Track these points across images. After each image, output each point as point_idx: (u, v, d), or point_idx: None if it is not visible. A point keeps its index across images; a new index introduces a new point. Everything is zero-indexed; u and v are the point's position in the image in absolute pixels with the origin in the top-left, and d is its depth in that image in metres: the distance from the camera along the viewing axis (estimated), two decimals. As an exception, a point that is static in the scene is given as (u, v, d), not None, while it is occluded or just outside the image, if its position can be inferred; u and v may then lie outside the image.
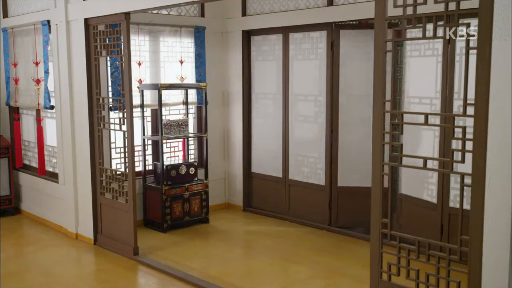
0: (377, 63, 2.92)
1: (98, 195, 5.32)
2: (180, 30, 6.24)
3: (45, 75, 5.74)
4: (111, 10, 4.79)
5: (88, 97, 5.22)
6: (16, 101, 6.37)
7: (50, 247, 5.46)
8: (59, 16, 5.41)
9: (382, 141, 2.94)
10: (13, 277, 4.59)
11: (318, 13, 5.60)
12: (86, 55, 5.17)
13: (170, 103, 6.24)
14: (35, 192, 6.36)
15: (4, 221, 6.32)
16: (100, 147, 5.25)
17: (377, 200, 3.00)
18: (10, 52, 6.36)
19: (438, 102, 4.45)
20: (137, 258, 4.91)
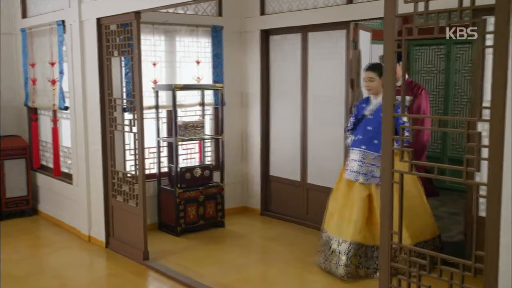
0: (387, 63, 2.72)
1: (110, 198, 5.24)
2: (197, 29, 6.12)
3: (60, 75, 5.71)
4: (122, 9, 4.70)
5: (100, 98, 5.14)
6: (33, 102, 6.37)
7: (63, 249, 5.41)
8: (72, 16, 5.36)
9: (391, 147, 2.74)
10: (24, 280, 4.55)
11: (338, 11, 5.40)
12: (99, 56, 5.10)
13: (186, 104, 6.13)
14: (51, 193, 6.34)
15: (20, 221, 6.32)
16: (112, 149, 5.17)
17: (387, 211, 2.79)
18: (28, 52, 6.36)
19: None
20: (147, 263, 4.80)
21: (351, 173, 4.45)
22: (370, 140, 4.39)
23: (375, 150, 4.32)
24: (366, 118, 4.49)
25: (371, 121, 4.43)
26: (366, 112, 4.52)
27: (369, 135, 4.41)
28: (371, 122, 4.43)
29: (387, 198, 2.78)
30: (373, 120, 4.42)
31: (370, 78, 4.46)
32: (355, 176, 4.41)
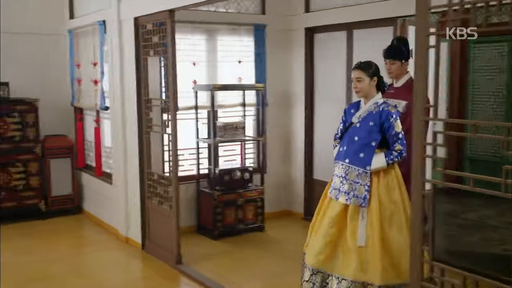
0: (418, 61, 2.44)
1: (146, 199, 5.18)
2: (239, 28, 5.97)
3: (101, 75, 5.72)
4: (156, 8, 4.61)
5: (137, 98, 5.09)
6: (79, 102, 6.43)
7: (101, 250, 5.42)
8: (112, 16, 5.34)
9: (423, 154, 2.46)
10: (57, 280, 4.56)
11: (384, 7, 5.09)
12: (136, 55, 5.04)
13: (227, 105, 6.00)
14: (94, 193, 6.39)
15: (65, 220, 6.40)
16: (148, 150, 5.10)
17: (417, 225, 2.52)
18: (75, 53, 6.43)
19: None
20: (179, 267, 4.70)
21: (332, 190, 3.67)
22: (355, 153, 3.57)
23: (360, 165, 3.53)
24: (353, 126, 3.66)
25: (358, 130, 3.61)
26: (354, 119, 3.68)
27: (354, 147, 3.59)
28: (358, 131, 3.61)
29: (417, 211, 2.51)
30: (360, 129, 3.61)
31: (357, 78, 3.62)
32: (336, 194, 3.62)
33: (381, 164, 3.50)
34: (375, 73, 3.62)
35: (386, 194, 3.49)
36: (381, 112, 3.55)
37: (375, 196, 3.48)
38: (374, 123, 3.54)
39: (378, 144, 3.54)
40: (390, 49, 4.19)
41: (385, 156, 3.52)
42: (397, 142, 3.52)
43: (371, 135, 3.54)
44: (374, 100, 3.63)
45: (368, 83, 3.61)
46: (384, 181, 3.52)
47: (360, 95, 3.67)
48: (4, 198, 6.11)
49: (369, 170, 3.49)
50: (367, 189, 3.48)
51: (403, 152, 3.51)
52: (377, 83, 3.64)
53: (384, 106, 3.57)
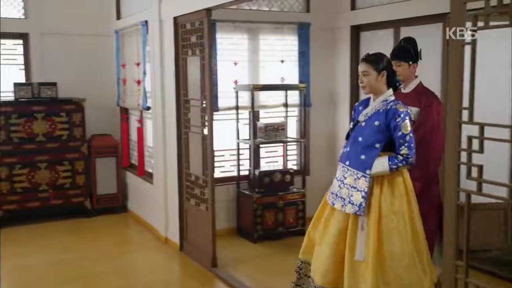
0: (452, 59, 2.24)
1: (184, 200, 5.14)
2: (282, 27, 5.83)
3: (143, 75, 5.73)
4: (194, 7, 4.56)
5: (176, 98, 5.06)
6: (124, 102, 6.50)
7: (140, 249, 5.45)
8: (154, 16, 5.34)
9: (457, 161, 2.25)
10: (93, 278, 4.59)
11: (433, 2, 4.81)
12: (175, 55, 5.01)
13: (270, 105, 5.87)
14: (137, 192, 6.43)
15: (109, 218, 6.48)
16: (186, 150, 5.06)
17: (452, 238, 2.31)
18: (120, 53, 6.50)
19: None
20: (214, 270, 4.62)
21: (329, 195, 3.38)
22: (356, 155, 3.21)
23: (360, 168, 3.17)
24: (358, 125, 3.30)
25: (363, 130, 3.25)
26: (361, 117, 3.31)
27: (357, 148, 3.23)
28: (362, 131, 3.25)
29: (452, 223, 2.30)
30: (365, 128, 3.24)
31: (364, 72, 3.25)
32: (332, 199, 3.31)
33: (383, 168, 3.12)
34: (385, 67, 3.25)
35: (389, 204, 3.13)
36: (387, 110, 3.17)
37: (375, 205, 3.13)
38: (380, 123, 3.17)
39: (386, 147, 3.17)
40: (397, 50, 3.91)
41: (388, 160, 3.14)
42: (404, 145, 3.12)
43: (375, 136, 3.17)
44: (384, 97, 3.25)
45: (375, 77, 3.23)
46: (388, 190, 3.15)
47: (367, 91, 3.32)
48: (51, 196, 6.25)
49: (368, 175, 3.13)
50: (364, 196, 3.12)
51: (409, 157, 3.11)
52: (388, 78, 3.26)
53: (392, 104, 3.19)
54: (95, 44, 6.74)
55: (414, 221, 3.17)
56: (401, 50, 3.87)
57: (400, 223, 3.13)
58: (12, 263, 4.98)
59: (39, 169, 6.19)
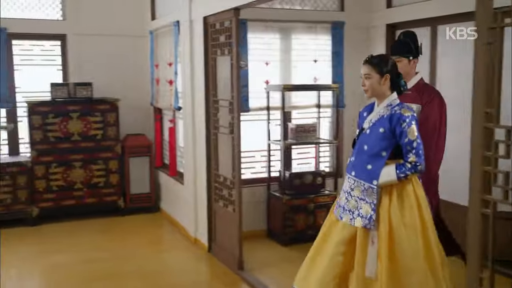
0: (477, 58, 2.10)
1: (213, 201, 5.10)
2: (315, 26, 5.72)
3: (175, 76, 5.73)
4: (222, 7, 4.51)
5: (206, 98, 5.03)
6: (157, 102, 6.53)
7: (169, 250, 5.46)
8: (185, 16, 5.32)
9: (482, 166, 2.11)
10: (120, 278, 4.61)
11: (471, -1, 4.60)
12: (205, 55, 4.98)
13: (302, 106, 5.77)
14: (169, 192, 6.45)
15: (142, 217, 6.52)
16: (215, 151, 5.02)
17: (475, 249, 2.16)
18: (155, 54, 6.53)
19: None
20: (240, 273, 4.56)
21: (337, 208, 3.21)
22: (362, 165, 3.06)
23: (366, 178, 3.00)
24: (363, 133, 3.13)
25: (368, 138, 3.08)
26: (365, 124, 3.15)
27: (362, 157, 3.08)
28: (367, 139, 3.08)
29: (476, 232, 2.16)
30: (370, 136, 3.07)
31: (366, 75, 3.08)
32: (340, 212, 3.14)
33: (390, 178, 2.94)
34: (389, 70, 3.07)
35: (399, 216, 2.93)
36: (391, 115, 2.99)
37: (385, 218, 2.94)
38: (385, 129, 2.99)
39: (394, 154, 3.00)
40: (396, 45, 3.73)
41: (396, 168, 2.95)
42: (411, 152, 2.94)
43: (381, 144, 3.00)
44: (388, 101, 3.07)
45: (378, 81, 3.05)
46: (397, 200, 2.96)
47: (369, 95, 3.14)
48: (85, 194, 6.34)
49: (375, 186, 2.96)
50: (373, 207, 2.95)
51: (417, 164, 2.94)
52: (392, 82, 3.08)
53: (397, 109, 3.01)
54: (130, 44, 6.80)
55: (427, 233, 2.98)
56: (400, 45, 3.72)
57: (412, 237, 2.94)
58: (46, 261, 5.07)
59: (74, 168, 6.29)
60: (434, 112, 3.57)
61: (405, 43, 3.71)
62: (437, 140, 3.55)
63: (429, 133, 3.50)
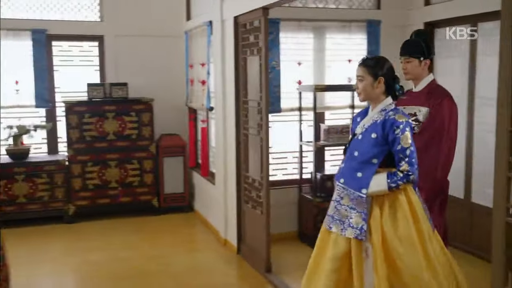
0: (503, 57, 1.96)
1: (242, 203, 5.05)
2: (349, 25, 5.60)
3: (207, 76, 5.72)
4: (251, 6, 4.46)
5: (236, 99, 4.99)
6: (191, 102, 6.54)
7: (198, 250, 5.45)
8: (216, 16, 5.30)
9: (507, 173, 1.97)
10: (148, 277, 4.63)
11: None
12: (235, 55, 4.95)
13: (335, 107, 5.66)
14: (201, 192, 6.45)
15: (174, 217, 6.54)
16: (245, 152, 4.97)
17: (499, 260, 2.02)
18: (189, 54, 6.55)
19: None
20: (268, 276, 4.50)
21: (326, 218, 3.05)
22: (351, 172, 2.90)
23: (355, 187, 2.86)
24: (355, 138, 2.97)
25: (359, 144, 2.93)
26: (358, 129, 2.99)
27: (352, 164, 2.93)
28: (359, 145, 2.93)
29: (499, 245, 2.02)
30: (361, 142, 2.92)
31: (359, 77, 2.97)
32: (329, 222, 2.99)
33: (380, 187, 2.78)
34: (384, 73, 2.91)
35: (391, 228, 2.76)
36: (384, 121, 2.82)
37: (377, 229, 2.77)
38: (377, 135, 2.83)
39: (387, 162, 2.84)
40: (406, 45, 3.54)
41: (387, 177, 2.78)
42: (404, 160, 2.76)
43: (372, 150, 2.84)
44: (382, 106, 2.91)
45: (371, 83, 2.91)
46: (389, 211, 2.79)
47: (362, 98, 2.99)
48: (120, 193, 6.41)
49: (365, 195, 2.81)
50: (364, 217, 2.79)
51: (410, 173, 2.75)
52: (387, 86, 2.92)
53: (391, 114, 2.83)
54: (165, 45, 6.84)
55: (425, 245, 2.79)
56: (410, 45, 3.55)
57: (408, 250, 2.75)
58: (78, 258, 5.15)
59: (109, 167, 6.38)
60: (442, 114, 3.38)
61: (415, 43, 3.55)
62: (445, 143, 3.35)
63: (434, 137, 3.35)
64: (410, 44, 3.58)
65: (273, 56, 5.30)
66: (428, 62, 3.54)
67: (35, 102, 6.32)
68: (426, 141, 3.26)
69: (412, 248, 2.76)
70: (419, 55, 3.49)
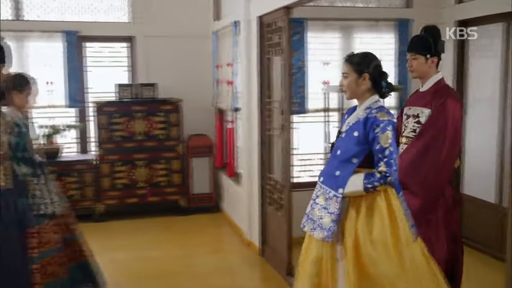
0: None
1: (266, 204, 5.01)
2: (378, 24, 5.49)
3: (234, 76, 5.70)
4: (275, 5, 4.41)
5: (260, 99, 4.95)
6: (218, 102, 6.54)
7: (221, 251, 5.44)
8: (243, 16, 5.28)
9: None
10: (169, 278, 4.64)
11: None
12: (259, 55, 4.91)
13: (363, 108, 5.54)
14: (228, 192, 6.44)
15: (201, 217, 6.54)
16: (268, 153, 4.93)
17: None
18: (217, 54, 6.55)
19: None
20: (289, 278, 4.42)
21: (304, 217, 2.94)
22: (331, 171, 2.79)
23: (333, 186, 2.74)
24: (340, 136, 2.87)
25: (342, 142, 2.83)
26: (344, 126, 2.88)
27: (333, 162, 2.82)
28: (342, 143, 2.83)
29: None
30: (344, 140, 2.82)
31: (344, 74, 2.86)
32: (304, 220, 2.91)
33: (356, 188, 2.65)
34: (370, 70, 2.79)
35: (366, 231, 2.62)
36: (366, 119, 2.70)
37: (351, 232, 2.65)
38: (359, 133, 2.71)
39: (370, 163, 2.69)
40: (413, 40, 3.37)
41: (364, 178, 2.65)
42: (382, 160, 2.61)
43: (353, 149, 2.72)
44: (367, 104, 2.79)
45: (355, 80, 2.80)
46: (366, 214, 2.65)
47: (347, 96, 2.89)
48: (148, 193, 6.47)
49: (340, 195, 2.68)
50: (335, 219, 2.66)
51: (387, 175, 2.59)
52: (374, 82, 2.79)
53: (374, 112, 2.71)
54: (194, 45, 6.85)
55: (401, 252, 2.63)
56: (417, 41, 3.37)
57: (382, 255, 2.61)
58: (104, 257, 5.13)
59: (137, 167, 6.44)
60: (443, 116, 3.18)
61: (423, 39, 3.35)
62: (444, 148, 3.16)
63: (433, 140, 3.17)
64: (417, 40, 3.42)
65: (299, 56, 5.25)
66: (435, 60, 3.35)
67: (67, 102, 6.44)
68: (426, 144, 3.12)
69: (386, 253, 2.62)
70: (425, 52, 3.31)
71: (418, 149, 3.14)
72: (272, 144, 4.89)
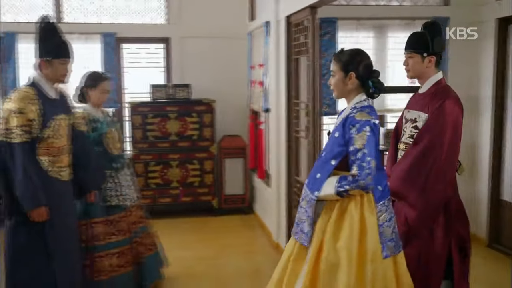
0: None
1: (292, 207, 4.93)
2: (413, 23, 5.29)
3: (264, 77, 5.65)
4: (300, 5, 4.33)
5: (287, 101, 4.88)
6: (252, 103, 6.50)
7: (249, 253, 5.37)
8: (272, 16, 5.21)
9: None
10: (190, 279, 4.65)
11: None
12: (287, 56, 4.84)
13: (397, 109, 5.38)
14: (260, 194, 6.40)
15: (233, 218, 6.52)
16: (296, 155, 4.85)
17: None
18: (251, 55, 6.51)
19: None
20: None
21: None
22: (314, 173, 2.69)
23: (312, 188, 2.64)
24: (329, 136, 2.75)
25: (328, 143, 2.74)
26: (333, 127, 2.77)
27: (317, 164, 2.75)
28: (327, 144, 2.75)
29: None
30: (329, 141, 2.71)
31: (331, 72, 2.74)
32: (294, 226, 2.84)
33: (329, 191, 2.52)
34: (356, 68, 2.64)
35: (332, 237, 2.49)
36: (346, 119, 2.57)
37: (319, 236, 2.54)
38: (339, 134, 2.58)
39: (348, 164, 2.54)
40: (410, 38, 3.12)
41: (337, 181, 2.51)
42: (355, 163, 2.45)
43: (333, 150, 2.59)
44: (353, 103, 2.65)
45: (342, 79, 2.67)
46: (336, 220, 2.52)
47: (335, 95, 2.77)
48: (181, 193, 6.50)
49: (315, 198, 2.56)
50: (310, 222, 2.56)
51: (359, 179, 2.43)
52: (362, 83, 2.65)
53: (355, 112, 2.56)
54: (229, 46, 6.84)
55: (364, 265, 2.48)
56: (413, 38, 3.12)
57: (343, 265, 2.46)
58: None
59: (171, 167, 6.49)
60: (440, 118, 2.94)
61: (420, 35, 3.12)
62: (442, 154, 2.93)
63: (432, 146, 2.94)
64: (414, 37, 3.18)
65: (330, 56, 5.11)
66: (433, 59, 3.10)
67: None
68: (422, 151, 2.92)
69: (348, 261, 2.48)
70: (421, 50, 3.08)
71: (414, 158, 2.95)
72: (299, 146, 4.81)
